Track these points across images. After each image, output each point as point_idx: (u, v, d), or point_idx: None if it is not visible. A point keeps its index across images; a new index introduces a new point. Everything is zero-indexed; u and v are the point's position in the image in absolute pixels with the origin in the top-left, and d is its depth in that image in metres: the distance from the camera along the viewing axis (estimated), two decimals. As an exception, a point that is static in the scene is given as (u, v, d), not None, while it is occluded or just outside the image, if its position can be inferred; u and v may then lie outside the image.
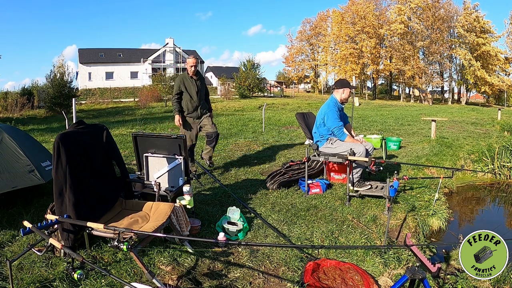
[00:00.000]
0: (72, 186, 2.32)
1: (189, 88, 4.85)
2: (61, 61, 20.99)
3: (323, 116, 4.33)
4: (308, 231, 3.26)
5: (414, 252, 1.87)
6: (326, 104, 4.33)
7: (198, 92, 4.88)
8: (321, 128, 4.38)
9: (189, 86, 4.85)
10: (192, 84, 4.86)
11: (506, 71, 41.28)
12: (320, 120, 4.37)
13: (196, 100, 4.89)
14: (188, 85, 4.85)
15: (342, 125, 4.25)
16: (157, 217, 2.56)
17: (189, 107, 4.90)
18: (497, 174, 6.51)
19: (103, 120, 15.23)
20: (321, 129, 4.38)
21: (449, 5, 43.02)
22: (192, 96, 4.87)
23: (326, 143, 4.29)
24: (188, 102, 4.89)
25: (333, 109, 4.23)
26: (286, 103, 25.47)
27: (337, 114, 4.27)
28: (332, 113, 4.22)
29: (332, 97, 4.38)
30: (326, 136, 4.34)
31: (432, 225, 3.99)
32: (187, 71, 4.90)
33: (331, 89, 4.56)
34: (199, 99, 4.92)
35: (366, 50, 43.22)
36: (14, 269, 2.44)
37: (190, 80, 4.86)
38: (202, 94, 4.97)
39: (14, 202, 3.69)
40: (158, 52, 44.38)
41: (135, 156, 3.71)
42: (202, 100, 4.97)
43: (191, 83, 4.86)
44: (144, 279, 2.39)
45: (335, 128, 4.18)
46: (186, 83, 4.85)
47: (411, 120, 14.52)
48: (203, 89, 5.01)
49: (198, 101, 4.91)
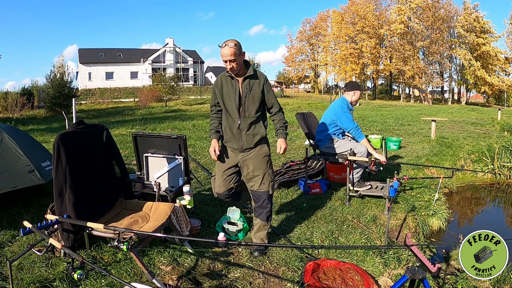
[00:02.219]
0: (72, 186, 2.32)
1: (227, 96, 2.74)
2: (61, 61, 21.03)
3: (334, 117, 4.28)
4: (308, 231, 3.26)
5: (414, 252, 1.87)
6: (338, 106, 4.27)
7: (241, 103, 2.70)
8: (331, 127, 4.31)
9: (227, 94, 2.73)
10: (231, 88, 2.71)
11: (506, 71, 41.30)
12: (329, 120, 4.31)
13: (236, 118, 2.72)
14: (226, 92, 2.74)
15: (358, 125, 4.27)
16: (157, 217, 2.56)
17: (227, 131, 2.80)
18: (497, 174, 6.51)
19: (103, 120, 15.23)
20: (331, 128, 4.32)
21: (449, 5, 43.07)
22: (230, 112, 2.75)
23: (328, 142, 4.29)
24: (226, 122, 2.82)
25: (347, 111, 4.24)
26: (286, 103, 25.46)
27: (351, 115, 4.29)
28: (347, 115, 4.22)
29: (343, 98, 4.35)
30: (330, 135, 4.32)
31: (432, 225, 3.99)
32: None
33: (341, 90, 4.56)
34: (244, 116, 2.71)
35: (366, 50, 43.22)
36: (14, 269, 2.44)
37: (229, 82, 2.72)
38: (250, 106, 2.71)
39: (14, 202, 3.69)
40: (158, 52, 44.35)
41: (135, 156, 3.71)
42: (251, 117, 2.72)
43: (231, 87, 2.71)
44: (144, 279, 2.39)
45: (352, 129, 4.17)
46: (225, 88, 2.74)
47: (411, 120, 14.52)
48: (253, 98, 2.71)
49: (241, 120, 2.72)
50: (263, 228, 2.88)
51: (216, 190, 2.91)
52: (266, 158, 2.81)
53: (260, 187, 2.79)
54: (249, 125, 2.72)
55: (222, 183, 2.87)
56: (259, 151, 2.79)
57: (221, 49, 2.58)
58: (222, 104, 2.78)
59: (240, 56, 2.58)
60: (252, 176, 2.79)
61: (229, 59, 2.55)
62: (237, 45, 2.55)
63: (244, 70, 2.69)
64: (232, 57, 2.55)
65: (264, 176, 2.79)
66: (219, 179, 2.88)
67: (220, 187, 2.88)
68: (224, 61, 2.58)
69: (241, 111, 2.70)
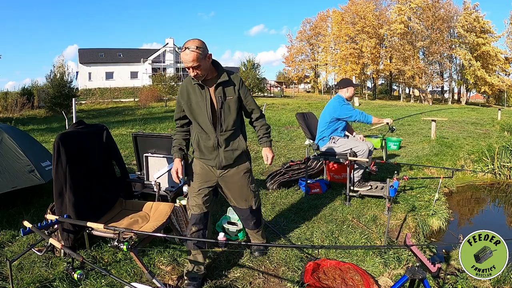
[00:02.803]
0: (72, 186, 2.32)
1: (197, 108, 2.33)
2: (61, 61, 21.01)
3: (333, 114, 4.27)
4: (308, 231, 3.26)
5: (414, 252, 1.87)
6: (335, 102, 4.27)
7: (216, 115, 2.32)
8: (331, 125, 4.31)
9: (197, 105, 2.32)
10: (202, 99, 2.30)
11: (506, 71, 41.29)
12: (329, 118, 4.30)
13: (212, 133, 2.34)
14: (195, 103, 2.33)
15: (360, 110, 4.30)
16: (157, 217, 2.56)
17: (201, 149, 2.41)
18: (497, 174, 6.51)
19: (103, 120, 15.22)
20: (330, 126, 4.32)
21: (449, 5, 43.07)
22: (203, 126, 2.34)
23: (328, 142, 4.29)
24: (198, 138, 2.41)
25: (345, 104, 4.26)
26: (286, 103, 25.46)
27: (351, 105, 4.31)
28: (346, 106, 4.25)
29: (338, 95, 4.37)
30: (330, 135, 4.32)
31: (432, 225, 3.98)
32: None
33: (335, 89, 4.56)
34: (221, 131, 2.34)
35: (366, 50, 43.21)
36: (14, 269, 2.44)
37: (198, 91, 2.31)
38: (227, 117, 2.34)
39: (14, 202, 3.69)
40: (158, 52, 44.37)
41: (135, 156, 3.72)
42: (228, 131, 2.36)
43: (200, 98, 2.31)
44: (144, 279, 2.40)
45: (357, 115, 4.20)
46: (193, 98, 2.33)
47: (411, 120, 14.52)
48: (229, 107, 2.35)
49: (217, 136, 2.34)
50: (256, 234, 2.77)
51: (193, 211, 2.41)
52: (247, 174, 2.52)
53: (242, 204, 2.57)
54: (227, 140, 2.34)
55: (201, 203, 2.40)
56: (239, 168, 2.47)
57: (181, 54, 2.15)
58: (192, 118, 2.34)
59: (205, 60, 2.15)
60: (233, 195, 2.54)
61: (191, 66, 2.12)
62: (199, 47, 2.11)
63: (214, 74, 2.27)
64: (194, 63, 2.11)
65: (246, 194, 2.54)
66: (195, 199, 2.41)
67: (197, 207, 2.40)
68: (186, 67, 2.16)
69: (217, 125, 2.30)
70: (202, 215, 2.41)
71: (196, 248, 2.38)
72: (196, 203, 2.40)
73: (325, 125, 4.31)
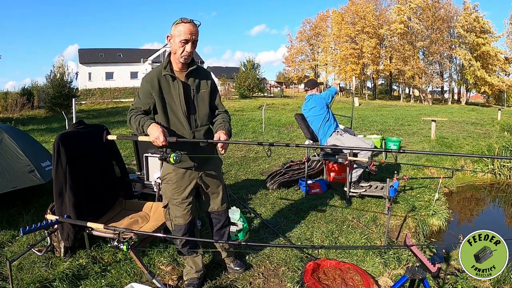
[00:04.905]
0: (72, 186, 2.32)
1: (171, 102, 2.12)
2: (61, 61, 21.00)
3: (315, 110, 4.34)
4: (308, 231, 3.26)
5: (414, 252, 1.87)
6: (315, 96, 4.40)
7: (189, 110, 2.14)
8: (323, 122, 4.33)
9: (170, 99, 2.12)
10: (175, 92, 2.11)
11: (506, 71, 41.28)
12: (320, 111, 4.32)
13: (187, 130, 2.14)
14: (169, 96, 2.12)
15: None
16: (157, 217, 2.56)
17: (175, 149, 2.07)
18: (497, 174, 6.51)
19: (103, 120, 15.23)
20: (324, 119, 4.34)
21: (449, 5, 43.07)
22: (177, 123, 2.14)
23: (334, 134, 4.29)
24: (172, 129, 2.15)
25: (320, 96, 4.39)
26: (286, 103, 25.46)
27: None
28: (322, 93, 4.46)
29: (311, 94, 4.51)
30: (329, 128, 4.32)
31: (432, 225, 3.99)
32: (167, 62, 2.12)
33: (304, 89, 4.68)
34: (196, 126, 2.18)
35: (366, 50, 43.21)
36: (14, 269, 2.44)
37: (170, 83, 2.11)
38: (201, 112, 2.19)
39: (14, 202, 3.69)
40: (158, 52, 44.35)
41: (135, 156, 3.72)
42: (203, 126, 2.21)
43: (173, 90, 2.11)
44: (144, 279, 2.40)
45: (329, 91, 4.43)
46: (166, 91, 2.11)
47: (411, 120, 14.52)
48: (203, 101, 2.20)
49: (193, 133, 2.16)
50: (229, 250, 2.53)
51: (176, 222, 2.22)
52: (220, 170, 2.39)
53: (221, 206, 2.39)
54: (203, 137, 2.16)
55: (185, 212, 2.21)
56: (214, 164, 2.32)
57: (183, 25, 1.95)
58: (162, 112, 2.09)
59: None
60: (212, 195, 2.35)
61: (193, 39, 1.98)
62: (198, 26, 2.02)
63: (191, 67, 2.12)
64: (196, 37, 1.99)
65: (222, 192, 2.38)
66: (179, 209, 2.20)
67: (181, 218, 2.21)
68: (184, 40, 1.96)
69: (191, 120, 2.11)
70: (187, 225, 2.23)
71: (192, 254, 2.33)
72: (181, 214, 2.20)
73: (318, 122, 4.33)
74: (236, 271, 2.53)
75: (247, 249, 2.81)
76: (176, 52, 2.03)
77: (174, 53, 2.05)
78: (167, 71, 2.07)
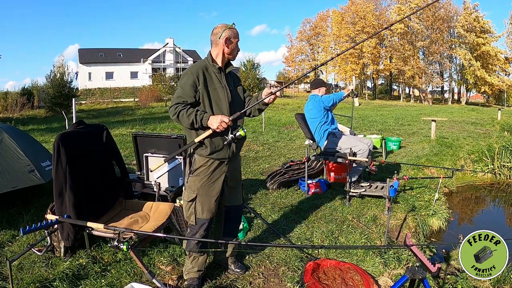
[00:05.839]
0: (72, 186, 2.32)
1: (215, 96, 2.23)
2: (61, 61, 20.99)
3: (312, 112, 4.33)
4: (308, 231, 3.26)
5: (414, 252, 1.87)
6: (317, 97, 4.37)
7: (230, 103, 2.26)
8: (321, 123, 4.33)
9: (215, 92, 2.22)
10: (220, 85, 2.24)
11: (506, 71, 41.31)
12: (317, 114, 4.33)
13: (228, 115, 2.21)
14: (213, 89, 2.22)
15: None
16: (157, 217, 2.56)
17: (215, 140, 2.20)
18: (497, 174, 6.51)
19: (103, 120, 15.22)
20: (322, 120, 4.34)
21: (449, 5, 43.10)
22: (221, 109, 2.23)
23: (330, 137, 4.29)
24: None
25: (322, 96, 4.35)
26: (286, 103, 25.47)
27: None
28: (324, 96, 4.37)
29: (313, 95, 4.49)
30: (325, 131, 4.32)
31: (432, 225, 3.99)
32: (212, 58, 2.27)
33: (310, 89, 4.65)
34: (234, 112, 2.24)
35: (366, 50, 43.22)
36: (14, 269, 2.44)
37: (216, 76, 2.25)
38: (237, 105, 2.32)
39: (14, 202, 3.69)
40: (158, 52, 44.33)
41: (135, 156, 3.72)
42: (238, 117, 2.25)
43: (218, 83, 2.24)
44: (144, 279, 2.40)
45: (335, 96, 4.32)
46: (210, 84, 2.21)
47: (411, 120, 14.52)
48: (240, 95, 2.40)
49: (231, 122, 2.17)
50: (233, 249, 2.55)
51: (203, 215, 2.28)
52: (241, 167, 2.55)
53: (240, 201, 2.52)
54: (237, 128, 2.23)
55: (213, 207, 2.30)
56: (239, 160, 2.52)
57: (234, 30, 2.25)
58: (207, 105, 2.17)
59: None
60: (233, 190, 2.43)
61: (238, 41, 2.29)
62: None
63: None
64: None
65: (241, 188, 2.54)
66: (209, 202, 2.27)
67: (210, 211, 2.29)
68: (238, 41, 2.27)
69: (232, 111, 2.24)
70: (210, 221, 2.32)
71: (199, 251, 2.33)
72: (209, 208, 2.27)
73: (314, 126, 4.34)
74: (237, 273, 2.54)
75: (247, 249, 2.81)
76: (232, 51, 2.25)
77: (228, 52, 2.25)
78: (215, 65, 2.25)
